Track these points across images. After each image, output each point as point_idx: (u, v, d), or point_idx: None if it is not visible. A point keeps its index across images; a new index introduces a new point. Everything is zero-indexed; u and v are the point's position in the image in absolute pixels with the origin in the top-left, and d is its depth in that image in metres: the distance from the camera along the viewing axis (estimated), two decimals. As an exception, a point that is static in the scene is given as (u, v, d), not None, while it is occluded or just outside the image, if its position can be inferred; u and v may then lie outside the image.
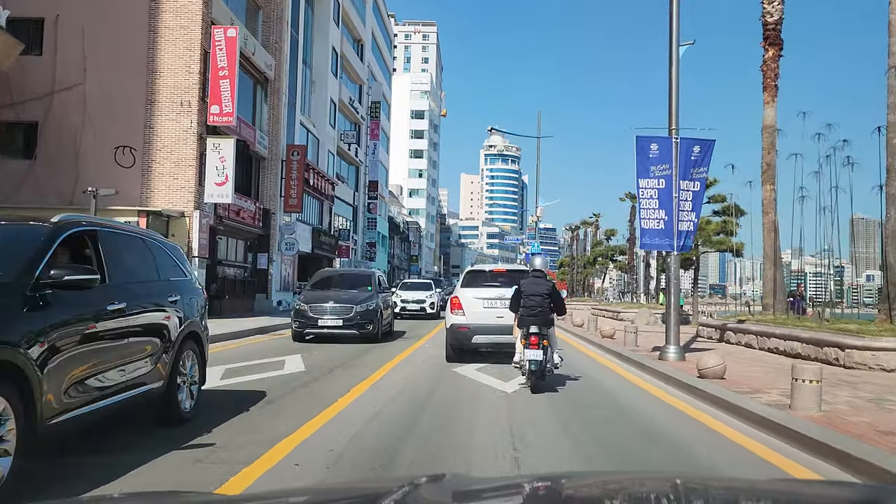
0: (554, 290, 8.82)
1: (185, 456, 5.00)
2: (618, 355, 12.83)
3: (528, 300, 8.57)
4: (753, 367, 10.48)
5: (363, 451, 5.31)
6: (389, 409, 7.05)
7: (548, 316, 8.60)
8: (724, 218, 25.63)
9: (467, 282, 11.94)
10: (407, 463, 5.06)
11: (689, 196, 11.24)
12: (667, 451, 5.67)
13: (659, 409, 7.51)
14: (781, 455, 5.41)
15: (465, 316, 11.16)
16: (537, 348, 8.19)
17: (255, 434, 5.83)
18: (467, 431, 6.16)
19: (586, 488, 2.06)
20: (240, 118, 23.66)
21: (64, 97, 20.93)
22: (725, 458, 5.45)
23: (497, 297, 10.94)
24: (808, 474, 4.88)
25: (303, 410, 6.84)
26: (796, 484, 3.30)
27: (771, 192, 16.47)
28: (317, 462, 4.98)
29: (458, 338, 11.21)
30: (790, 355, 12.43)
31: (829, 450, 5.12)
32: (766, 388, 7.98)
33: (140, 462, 4.68)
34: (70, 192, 20.25)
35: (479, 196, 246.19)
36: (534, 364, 8.14)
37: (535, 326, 8.38)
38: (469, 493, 2.09)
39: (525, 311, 8.58)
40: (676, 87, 11.33)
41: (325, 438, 5.75)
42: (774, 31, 16.70)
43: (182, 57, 21.01)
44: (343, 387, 8.45)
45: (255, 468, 4.72)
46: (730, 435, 6.15)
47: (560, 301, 8.87)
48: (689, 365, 10.36)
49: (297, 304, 15.43)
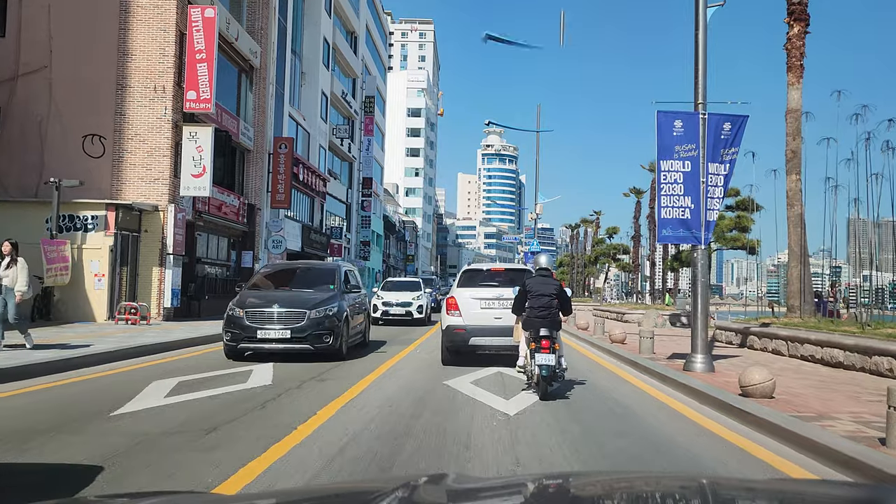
0: (562, 289, 8.35)
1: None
2: (633, 364, 11.32)
3: (536, 301, 8.09)
4: (796, 381, 8.95)
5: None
6: (360, 443, 5.52)
7: (556, 317, 8.17)
8: (739, 213, 24.07)
9: (464, 281, 11.41)
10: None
11: (718, 181, 9.73)
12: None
13: (703, 441, 5.91)
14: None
15: (461, 317, 10.74)
16: (549, 352, 7.71)
17: (174, 482, 4.32)
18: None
19: (587, 488, 2.05)
20: (221, 107, 22.11)
21: (28, 81, 19.34)
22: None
23: (495, 297, 10.67)
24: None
25: (249, 445, 5.31)
26: (797, 484, 3.23)
27: (797, 182, 14.97)
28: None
29: (454, 340, 10.81)
30: (829, 364, 10.94)
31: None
32: (831, 413, 6.45)
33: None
34: (34, 184, 18.69)
35: (476, 196, 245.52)
36: (545, 370, 7.64)
37: (544, 329, 7.91)
38: (469, 493, 2.05)
39: (532, 313, 8.09)
40: (704, 54, 9.82)
41: (266, 487, 4.24)
42: (800, 6, 15.21)
43: (156, 39, 19.44)
44: (309, 408, 6.92)
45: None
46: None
47: (568, 301, 8.44)
48: (721, 378, 8.87)
49: (231, 308, 11.35)
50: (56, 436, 5.56)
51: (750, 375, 7.09)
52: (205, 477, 4.45)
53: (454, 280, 12.43)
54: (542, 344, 7.75)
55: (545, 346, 7.72)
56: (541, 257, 9.10)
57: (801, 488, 2.40)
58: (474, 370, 10.09)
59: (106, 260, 18.24)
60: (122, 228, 18.55)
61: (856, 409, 6.44)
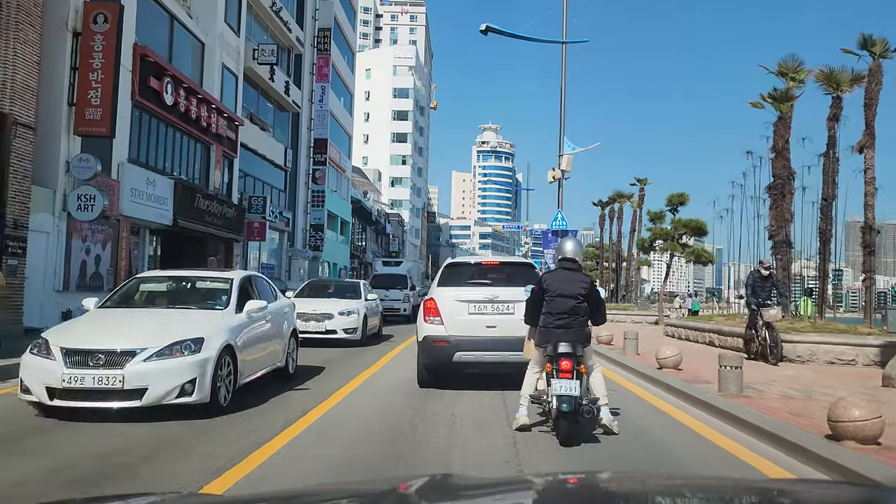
0: (593, 288, 6.28)
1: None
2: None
3: (556, 304, 6.09)
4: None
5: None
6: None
7: (584, 328, 6.16)
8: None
9: (447, 278, 9.10)
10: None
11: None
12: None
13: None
14: None
15: (443, 325, 8.57)
16: (571, 377, 5.77)
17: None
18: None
19: (588, 488, 2.04)
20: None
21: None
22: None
23: (488, 299, 8.58)
24: None
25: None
26: (797, 484, 3.10)
27: None
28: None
29: (433, 355, 8.66)
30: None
31: None
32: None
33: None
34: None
35: (471, 195, 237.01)
36: (566, 402, 5.64)
37: (565, 344, 5.93)
38: (468, 493, 2.01)
39: (549, 321, 6.10)
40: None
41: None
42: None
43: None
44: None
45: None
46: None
47: (600, 305, 6.39)
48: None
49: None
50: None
51: None
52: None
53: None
54: (560, 366, 5.80)
55: (565, 370, 5.78)
56: (567, 243, 6.55)
57: (802, 489, 2.25)
58: (464, 392, 8.12)
59: None
60: None
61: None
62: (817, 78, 15.62)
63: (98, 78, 14.90)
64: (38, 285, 14.23)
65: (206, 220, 21.81)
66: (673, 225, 26.50)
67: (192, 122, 20.85)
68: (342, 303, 15.44)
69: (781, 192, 15.14)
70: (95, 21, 14.95)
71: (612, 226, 36.76)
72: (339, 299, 15.82)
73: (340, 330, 14.82)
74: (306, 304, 14.59)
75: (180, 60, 20.89)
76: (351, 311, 15.13)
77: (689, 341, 18.08)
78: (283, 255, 32.99)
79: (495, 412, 7.31)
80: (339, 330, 14.81)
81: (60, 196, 14.76)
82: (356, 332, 15.09)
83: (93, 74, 14.85)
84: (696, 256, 27.32)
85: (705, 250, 27.76)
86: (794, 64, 16.71)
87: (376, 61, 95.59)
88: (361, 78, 79.49)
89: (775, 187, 15.31)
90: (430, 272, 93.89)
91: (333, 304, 15.30)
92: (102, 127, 14.89)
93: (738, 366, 8.00)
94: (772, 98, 15.55)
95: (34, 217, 13.83)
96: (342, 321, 14.87)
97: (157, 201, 18.59)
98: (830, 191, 15.66)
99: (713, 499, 1.85)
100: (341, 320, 14.87)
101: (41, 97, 14.21)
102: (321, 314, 14.75)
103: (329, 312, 14.84)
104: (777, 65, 16.30)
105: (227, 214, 23.54)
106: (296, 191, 34.81)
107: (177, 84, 19.47)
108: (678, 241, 26.02)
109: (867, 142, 14.06)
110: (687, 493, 1.95)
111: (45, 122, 14.32)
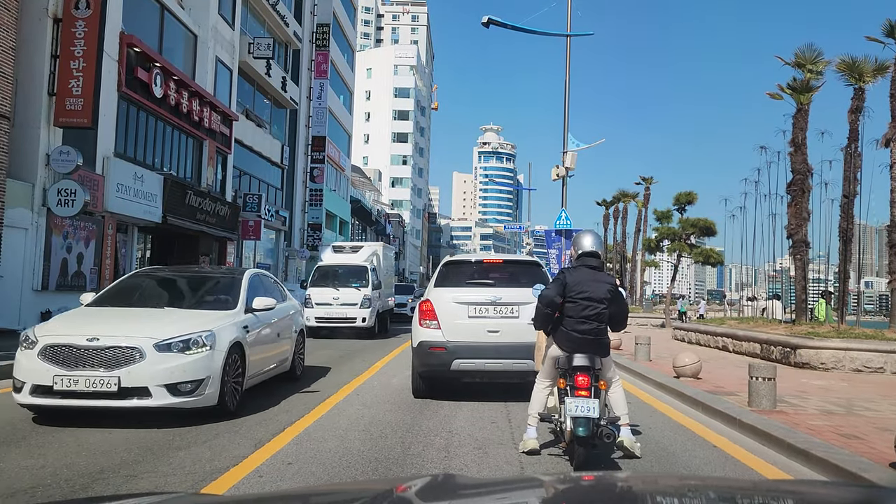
0: (617, 290, 5.35)
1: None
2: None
3: (579, 308, 5.14)
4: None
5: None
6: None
7: (604, 338, 5.25)
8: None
9: (445, 277, 8.25)
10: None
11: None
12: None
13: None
14: None
15: (440, 330, 7.78)
16: (588, 395, 4.90)
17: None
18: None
19: (588, 488, 2.00)
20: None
21: None
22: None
23: (489, 301, 7.73)
24: None
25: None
26: (798, 485, 3.06)
27: None
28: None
29: (429, 362, 7.81)
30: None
31: None
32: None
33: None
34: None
35: (472, 196, 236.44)
36: (583, 426, 4.75)
37: (581, 356, 5.05)
38: (468, 493, 1.95)
39: (570, 326, 5.15)
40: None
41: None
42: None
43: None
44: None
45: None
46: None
47: (624, 309, 5.50)
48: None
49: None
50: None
51: None
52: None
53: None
54: (576, 381, 4.93)
55: (582, 386, 4.91)
56: (585, 236, 5.55)
57: (803, 489, 2.21)
58: (462, 405, 7.43)
59: None
60: None
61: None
62: (838, 68, 14.79)
63: (80, 66, 14.09)
64: (16, 284, 13.45)
65: (199, 217, 21.01)
66: (681, 224, 25.68)
67: (183, 116, 20.06)
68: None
69: (801, 189, 14.33)
70: (77, 6, 14.14)
71: (616, 226, 36.06)
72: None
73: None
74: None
75: (171, 52, 20.11)
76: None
77: (699, 346, 17.26)
78: (279, 254, 32.16)
79: (498, 429, 6.49)
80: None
81: (40, 190, 13.96)
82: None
83: (74, 63, 14.04)
84: (704, 257, 26.44)
85: (714, 251, 26.84)
86: (811, 55, 15.89)
87: (377, 60, 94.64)
88: (362, 77, 78.70)
89: (794, 183, 14.49)
90: (430, 273, 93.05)
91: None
92: (84, 118, 14.06)
93: (771, 377, 7.17)
94: (791, 89, 14.72)
95: (10, 212, 13.05)
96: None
97: (146, 197, 17.78)
98: (852, 187, 14.85)
99: (713, 499, 1.81)
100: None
101: (19, 86, 13.44)
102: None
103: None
104: (794, 55, 15.49)
105: (220, 212, 22.73)
106: (293, 189, 34.01)
107: (167, 76, 18.68)
108: (686, 242, 25.16)
109: (893, 134, 13.24)
110: (687, 493, 1.92)
111: (22, 112, 13.55)
